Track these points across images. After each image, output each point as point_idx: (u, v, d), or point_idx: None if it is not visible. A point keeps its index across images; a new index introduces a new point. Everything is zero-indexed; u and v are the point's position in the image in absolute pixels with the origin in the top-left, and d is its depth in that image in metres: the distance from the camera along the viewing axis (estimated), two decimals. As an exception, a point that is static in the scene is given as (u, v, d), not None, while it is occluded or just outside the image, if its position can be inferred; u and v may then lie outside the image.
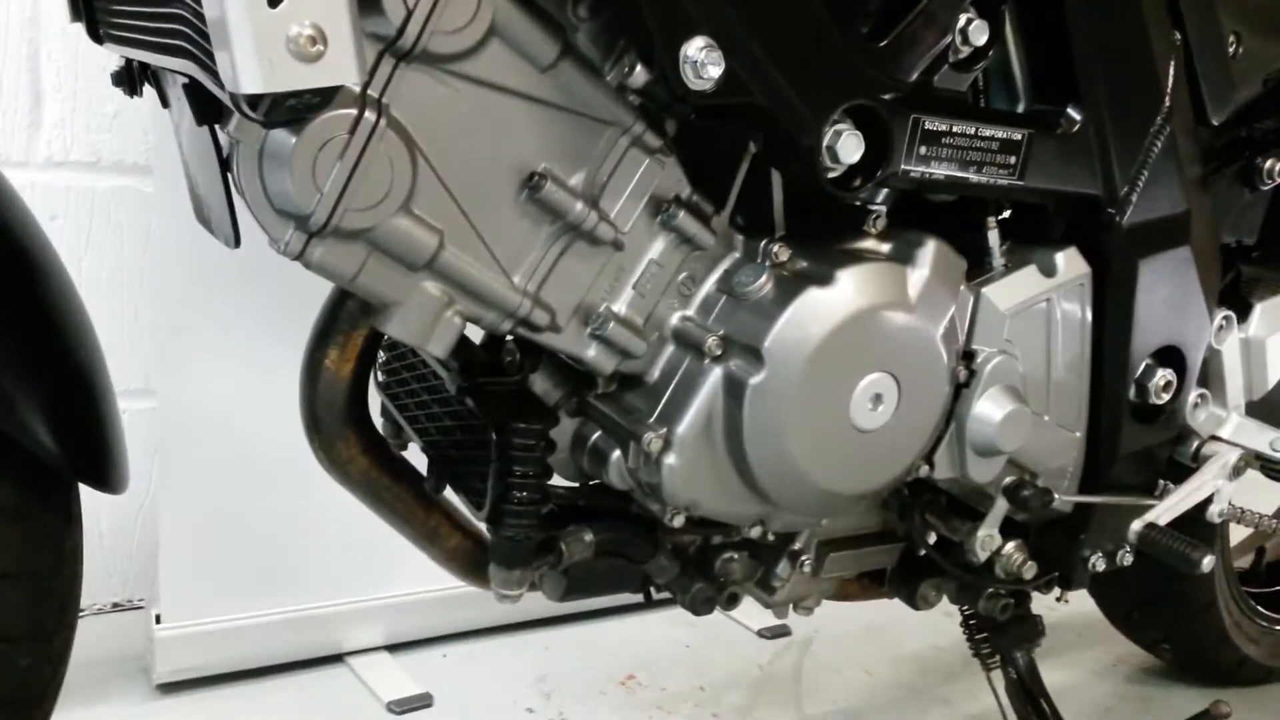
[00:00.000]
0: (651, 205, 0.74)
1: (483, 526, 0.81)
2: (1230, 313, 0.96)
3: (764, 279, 0.76)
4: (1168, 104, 0.82)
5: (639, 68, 0.65)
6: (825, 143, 0.70)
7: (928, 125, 0.73)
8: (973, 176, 0.77)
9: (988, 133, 0.76)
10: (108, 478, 0.71)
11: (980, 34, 0.75)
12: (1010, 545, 0.92)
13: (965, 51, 0.75)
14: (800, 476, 0.77)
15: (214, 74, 0.53)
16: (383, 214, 0.64)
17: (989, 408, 0.84)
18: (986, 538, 0.90)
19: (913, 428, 0.80)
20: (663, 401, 0.77)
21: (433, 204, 0.67)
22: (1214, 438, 1.00)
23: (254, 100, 0.52)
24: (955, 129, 0.75)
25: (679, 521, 0.79)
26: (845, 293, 0.74)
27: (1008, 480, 0.90)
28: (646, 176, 0.73)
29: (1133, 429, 0.93)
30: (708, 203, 0.76)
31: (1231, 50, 0.87)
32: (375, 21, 0.61)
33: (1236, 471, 0.98)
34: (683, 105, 0.67)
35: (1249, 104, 0.93)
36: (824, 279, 0.74)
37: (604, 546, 0.83)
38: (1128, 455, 0.94)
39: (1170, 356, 0.93)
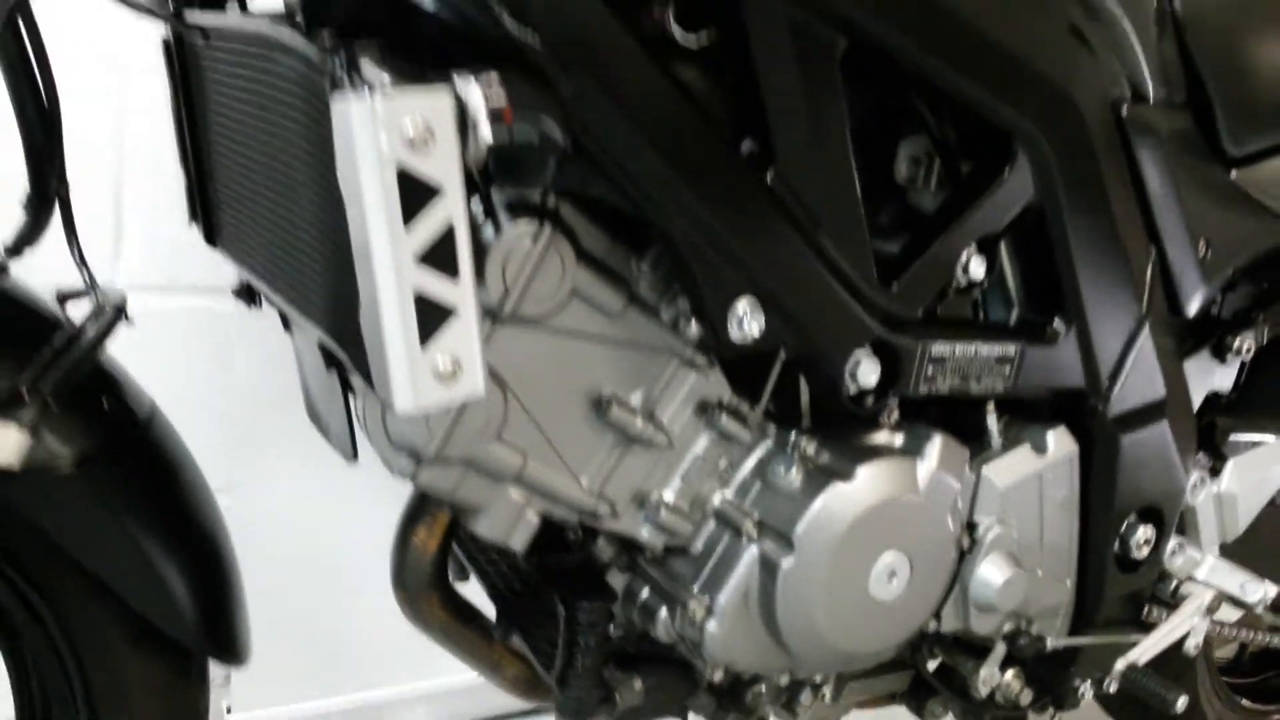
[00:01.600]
0: (697, 409, 0.87)
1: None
2: (1204, 474, 1.09)
3: (794, 471, 0.88)
4: (1145, 308, 0.95)
5: (691, 319, 0.78)
6: (847, 371, 0.83)
7: (934, 352, 0.86)
8: (973, 387, 0.90)
9: (985, 351, 0.89)
10: (236, 653, 0.84)
11: (979, 268, 0.88)
12: (1009, 675, 1.04)
13: (965, 282, 0.88)
14: (825, 643, 0.90)
15: (354, 359, 0.66)
16: (479, 445, 0.77)
17: (989, 572, 0.96)
18: (987, 675, 1.02)
19: (924, 595, 0.92)
20: (705, 572, 0.90)
21: (520, 431, 0.79)
22: (1191, 579, 1.12)
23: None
24: (958, 351, 0.87)
25: (719, 676, 0.91)
26: (864, 487, 0.87)
27: (1007, 628, 1.02)
28: (693, 387, 0.86)
29: (1116, 578, 1.05)
30: (745, 401, 0.89)
31: (1202, 253, 1.00)
32: (479, 293, 0.73)
33: (1210, 610, 1.11)
34: (725, 349, 0.79)
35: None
36: (846, 474, 0.86)
37: (651, 691, 0.95)
38: (1112, 599, 1.07)
39: (1151, 514, 1.05)
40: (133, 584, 0.74)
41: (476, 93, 0.57)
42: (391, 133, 0.54)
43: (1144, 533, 1.04)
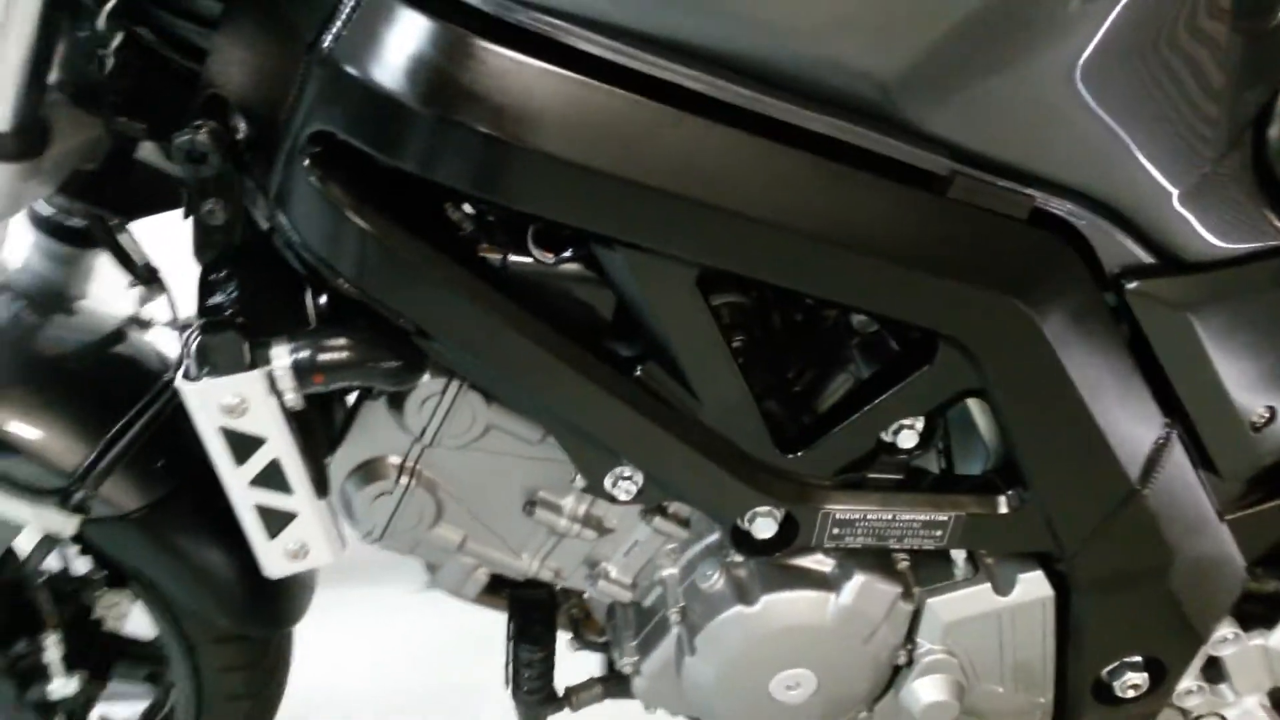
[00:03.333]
0: (642, 509, 0.96)
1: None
2: (1236, 631, 0.99)
3: (716, 577, 0.96)
4: (1139, 479, 0.86)
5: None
6: (741, 526, 0.88)
7: (839, 515, 0.87)
8: (893, 544, 0.90)
9: (908, 516, 0.88)
10: (286, 621, 1.11)
11: (909, 440, 0.85)
12: None
13: (894, 451, 0.86)
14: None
15: None
16: (418, 533, 0.94)
17: (921, 691, 0.99)
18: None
19: (836, 701, 0.99)
20: (645, 632, 1.03)
21: (458, 519, 0.95)
22: (1218, 715, 1.06)
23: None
24: (870, 516, 0.88)
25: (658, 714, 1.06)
26: (765, 614, 0.93)
27: None
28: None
29: (1097, 708, 1.03)
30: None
31: (1262, 422, 0.86)
32: (405, 424, 0.88)
33: None
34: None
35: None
36: (750, 599, 0.93)
37: (610, 693, 1.12)
38: (1102, 721, 1.05)
39: (1147, 663, 1.00)
40: (194, 597, 1.00)
41: (285, 370, 0.70)
42: (209, 408, 0.69)
43: (1134, 678, 1.00)
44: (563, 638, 1.10)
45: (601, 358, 0.79)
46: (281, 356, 0.71)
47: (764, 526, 0.88)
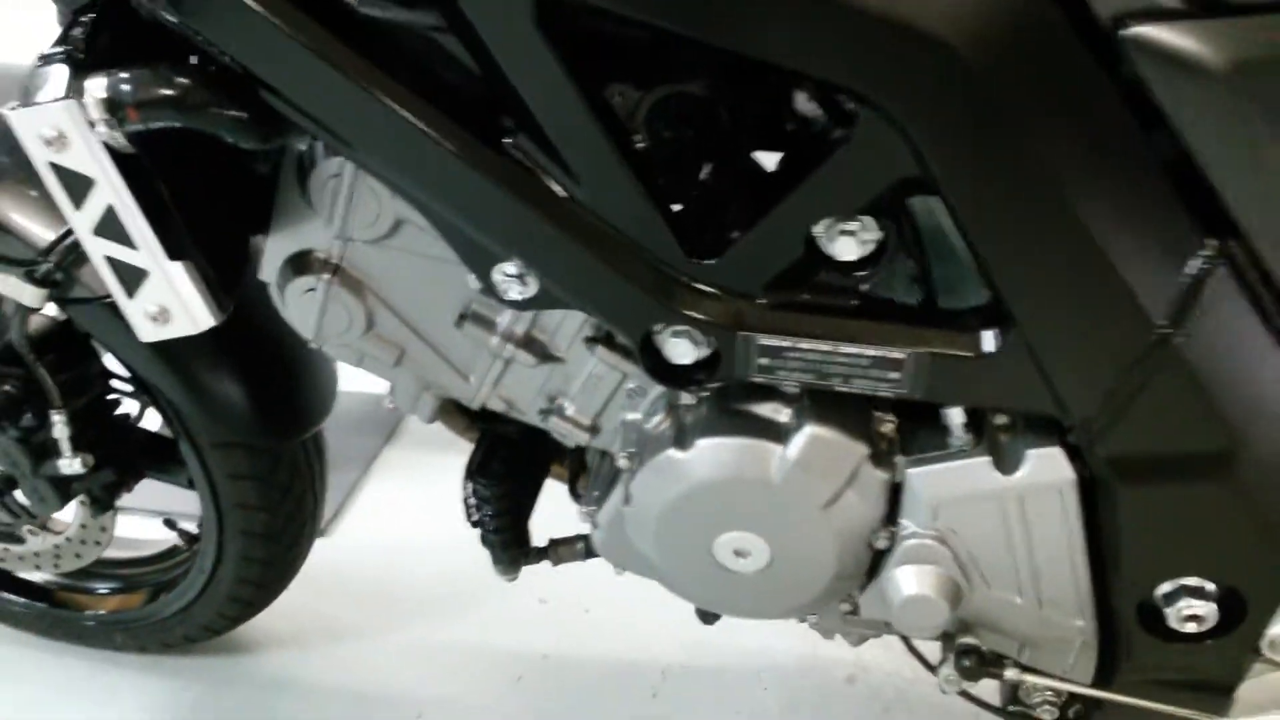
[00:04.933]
0: (586, 339, 0.85)
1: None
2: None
3: (661, 418, 0.84)
4: (1160, 325, 0.64)
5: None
6: (654, 345, 0.75)
7: (765, 341, 0.72)
8: (838, 386, 0.73)
9: (853, 350, 0.71)
10: (295, 431, 1.11)
11: (849, 249, 0.68)
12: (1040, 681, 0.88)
13: (833, 264, 0.69)
14: (685, 592, 0.88)
15: None
16: (350, 338, 0.89)
17: (899, 583, 0.82)
18: (946, 675, 0.89)
19: (802, 581, 0.83)
20: (601, 479, 0.93)
21: (391, 328, 0.89)
22: (1335, 683, 0.80)
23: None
24: (803, 345, 0.71)
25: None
26: (695, 463, 0.80)
27: (961, 642, 0.86)
28: (572, 314, 0.84)
29: (1149, 642, 0.80)
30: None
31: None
32: (316, 211, 0.82)
33: None
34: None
35: None
36: (684, 443, 0.80)
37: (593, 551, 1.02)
38: (1150, 662, 0.82)
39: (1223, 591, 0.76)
40: (181, 394, 1.02)
41: (97, 102, 0.65)
42: (32, 139, 0.66)
43: (1193, 606, 0.77)
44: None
45: (468, 128, 0.69)
46: (98, 89, 0.67)
47: (679, 349, 0.74)
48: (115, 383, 1.10)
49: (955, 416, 0.77)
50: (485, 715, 1.36)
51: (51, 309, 1.00)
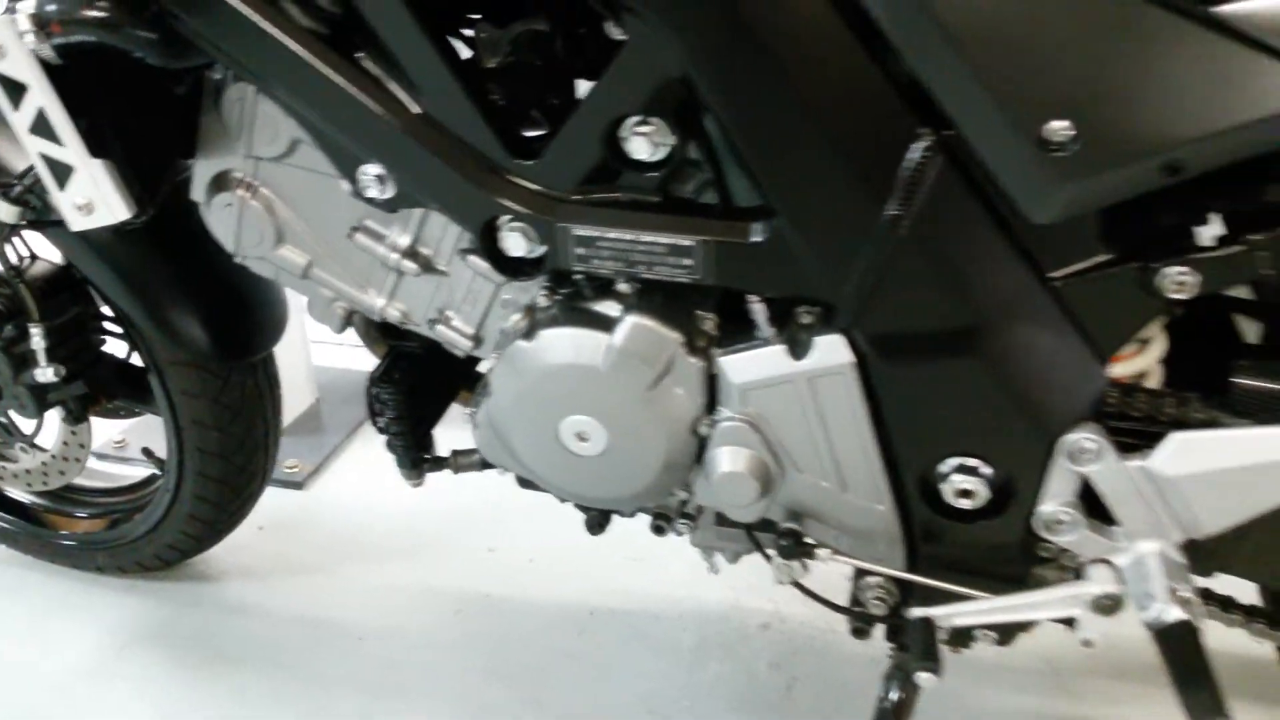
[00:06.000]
0: (461, 251, 0.98)
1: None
2: (1097, 440, 0.81)
3: (519, 317, 0.96)
4: (890, 208, 0.74)
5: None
6: (495, 239, 0.87)
7: (579, 232, 0.84)
8: (644, 273, 0.84)
9: (650, 238, 0.82)
10: (245, 353, 1.25)
11: (642, 149, 0.80)
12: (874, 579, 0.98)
13: (635, 163, 0.81)
14: (544, 480, 1.00)
15: None
16: (265, 251, 1.03)
17: (716, 462, 0.92)
18: (779, 567, 0.99)
19: (639, 464, 0.94)
20: (484, 387, 1.05)
21: (300, 241, 1.03)
22: (1104, 561, 0.88)
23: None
24: (610, 235, 0.83)
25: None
26: (536, 351, 0.91)
27: (783, 526, 0.96)
28: (451, 229, 0.97)
29: (938, 523, 0.89)
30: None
31: (1068, 137, 0.71)
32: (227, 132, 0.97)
33: (1103, 608, 0.87)
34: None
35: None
36: (530, 334, 0.92)
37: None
38: (948, 543, 0.91)
39: (974, 467, 0.85)
40: (140, 313, 1.17)
41: (26, 16, 0.81)
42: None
43: (962, 481, 0.86)
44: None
45: (327, 42, 0.83)
46: (28, 6, 0.83)
47: (512, 241, 0.87)
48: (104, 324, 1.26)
49: (759, 311, 0.87)
50: (422, 642, 1.47)
51: (57, 257, 1.16)
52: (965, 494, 0.85)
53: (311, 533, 1.71)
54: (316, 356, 2.05)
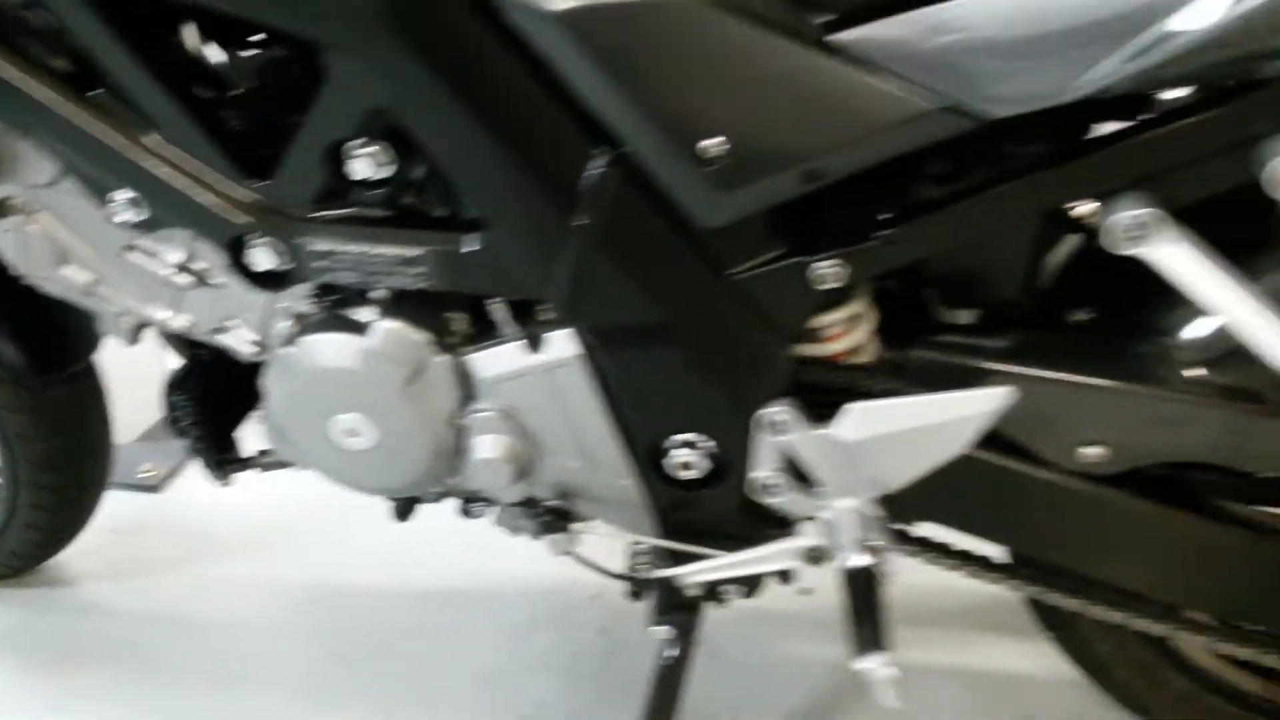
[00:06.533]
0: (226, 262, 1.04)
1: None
2: (785, 414, 0.91)
3: (287, 325, 1.03)
4: (574, 217, 0.83)
5: None
6: (243, 258, 0.94)
7: (314, 247, 0.91)
8: (380, 281, 0.92)
9: (381, 250, 0.90)
10: (60, 368, 1.31)
11: (364, 168, 0.88)
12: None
13: (360, 181, 0.89)
14: (329, 474, 1.07)
15: None
16: (49, 272, 1.08)
17: (474, 450, 1.01)
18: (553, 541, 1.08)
19: (401, 453, 1.02)
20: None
21: (84, 261, 1.09)
22: (812, 518, 0.98)
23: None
24: (345, 249, 0.91)
25: None
26: (298, 356, 0.99)
27: (544, 504, 1.06)
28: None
29: (672, 492, 0.99)
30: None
31: (721, 152, 0.80)
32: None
33: (814, 559, 0.98)
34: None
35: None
36: (290, 340, 0.99)
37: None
38: (685, 511, 1.01)
39: (696, 441, 0.95)
40: None
41: None
42: None
43: (683, 455, 0.96)
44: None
45: (70, 78, 0.89)
46: None
47: (261, 258, 0.94)
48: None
49: (498, 311, 0.96)
50: (269, 633, 1.54)
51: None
52: (686, 466, 0.95)
53: (165, 534, 1.76)
54: (172, 363, 2.09)
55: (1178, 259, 0.76)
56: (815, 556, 0.96)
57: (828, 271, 0.84)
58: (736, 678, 1.40)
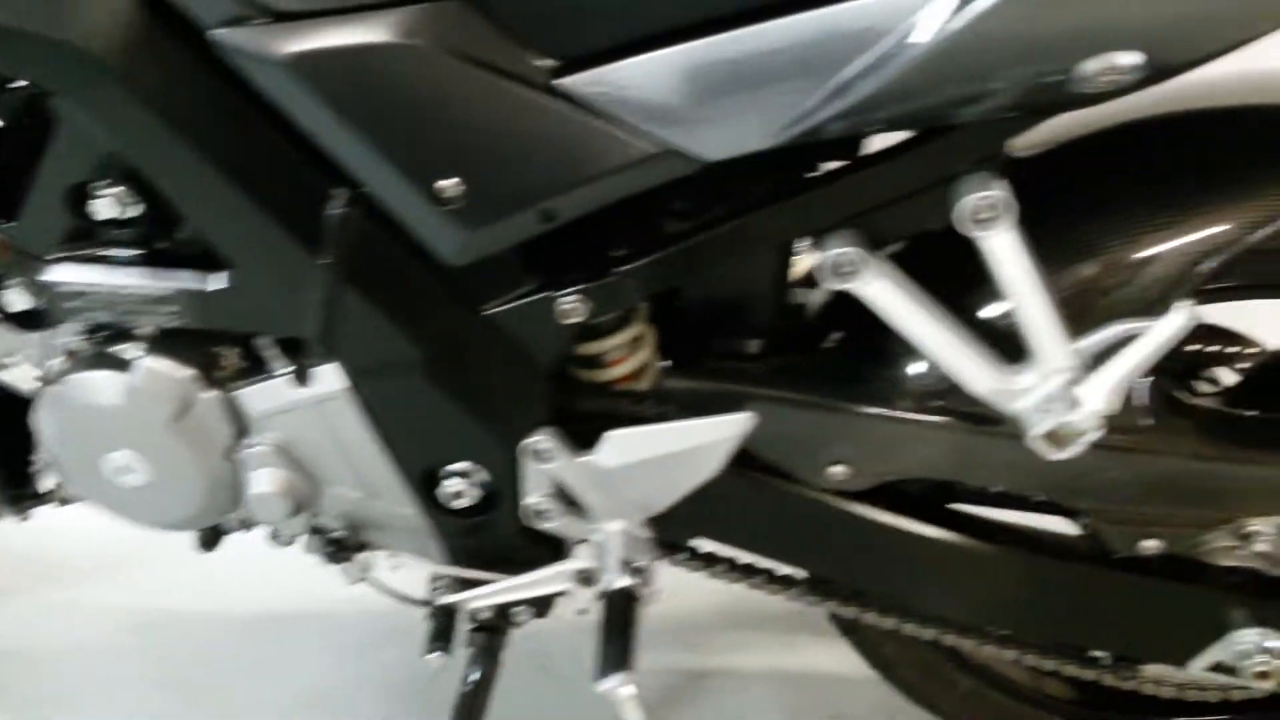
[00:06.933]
0: None
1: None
2: (549, 443, 0.93)
3: (57, 362, 1.01)
4: (316, 256, 0.83)
5: None
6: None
7: (64, 287, 0.90)
8: (137, 320, 0.91)
9: (130, 290, 0.89)
10: None
11: (106, 209, 0.87)
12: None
13: (102, 222, 0.88)
14: (112, 510, 1.06)
15: None
16: None
17: (250, 484, 1.00)
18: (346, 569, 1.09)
19: (178, 489, 1.01)
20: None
21: None
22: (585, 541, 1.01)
23: None
24: (91, 288, 0.90)
25: None
26: (62, 393, 0.97)
27: (329, 536, 1.06)
28: None
29: (452, 520, 1.00)
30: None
31: (458, 193, 0.81)
32: None
33: (585, 580, 1.00)
34: None
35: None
36: (56, 380, 0.98)
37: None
38: (471, 539, 1.02)
39: (468, 471, 0.96)
40: None
41: None
42: None
43: (451, 486, 0.97)
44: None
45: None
46: None
47: (17, 298, 0.93)
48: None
49: (265, 347, 0.96)
50: (101, 657, 1.52)
51: None
52: (458, 495, 0.96)
53: (1, 561, 1.72)
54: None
55: (882, 295, 0.80)
56: (586, 579, 0.98)
57: (570, 307, 0.86)
58: (564, 692, 1.42)
